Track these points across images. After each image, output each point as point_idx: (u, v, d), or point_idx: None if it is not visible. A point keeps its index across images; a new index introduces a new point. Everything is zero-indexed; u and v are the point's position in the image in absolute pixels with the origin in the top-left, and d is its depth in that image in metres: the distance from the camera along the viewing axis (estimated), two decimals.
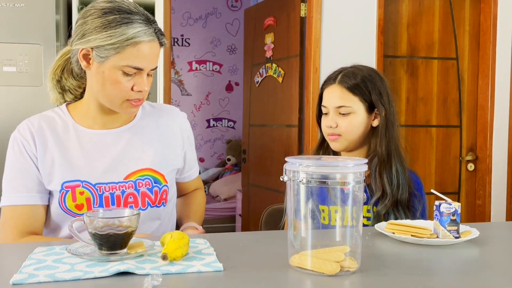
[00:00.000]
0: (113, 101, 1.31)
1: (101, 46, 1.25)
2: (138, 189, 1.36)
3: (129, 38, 1.24)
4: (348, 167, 0.94)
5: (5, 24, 2.28)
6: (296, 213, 0.97)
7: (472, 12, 3.22)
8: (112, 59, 1.25)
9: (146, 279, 0.83)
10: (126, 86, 1.28)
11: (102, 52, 1.25)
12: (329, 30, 2.97)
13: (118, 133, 1.40)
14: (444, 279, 0.94)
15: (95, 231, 0.99)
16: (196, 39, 5.68)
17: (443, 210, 1.19)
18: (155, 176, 1.39)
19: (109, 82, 1.27)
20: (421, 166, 3.18)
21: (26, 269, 0.92)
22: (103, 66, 1.27)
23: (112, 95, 1.29)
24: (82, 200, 1.31)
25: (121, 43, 1.24)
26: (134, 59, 1.25)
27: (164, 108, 1.53)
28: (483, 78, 3.22)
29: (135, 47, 1.25)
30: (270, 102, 3.49)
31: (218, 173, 5.59)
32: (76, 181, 1.32)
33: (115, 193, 1.34)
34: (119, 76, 1.27)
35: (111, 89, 1.28)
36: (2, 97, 2.28)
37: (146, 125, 1.44)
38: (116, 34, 1.23)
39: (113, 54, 1.24)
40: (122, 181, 1.35)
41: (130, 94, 1.29)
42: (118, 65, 1.25)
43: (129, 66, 1.26)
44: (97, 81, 1.30)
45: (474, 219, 3.24)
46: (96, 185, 1.33)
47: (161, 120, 1.47)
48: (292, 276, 0.93)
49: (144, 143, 1.41)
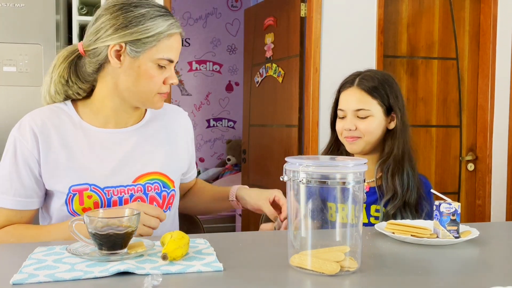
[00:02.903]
0: (147, 96, 1.31)
1: (138, 40, 1.24)
2: (147, 193, 1.34)
3: (165, 30, 1.26)
4: (348, 167, 0.94)
5: (5, 24, 2.28)
6: (296, 213, 0.97)
7: (472, 12, 3.22)
8: (148, 53, 1.26)
9: (146, 279, 0.83)
10: (159, 79, 1.29)
11: (138, 46, 1.25)
12: (329, 30, 2.97)
13: (127, 132, 1.37)
14: (444, 279, 0.94)
15: (95, 231, 0.99)
16: (196, 39, 5.68)
17: (443, 210, 1.19)
18: (164, 181, 1.37)
19: (144, 77, 1.27)
20: (421, 166, 3.18)
21: (26, 269, 0.92)
22: (138, 61, 1.26)
23: (146, 89, 1.29)
24: (90, 204, 1.28)
25: (158, 36, 1.25)
26: (169, 51, 1.28)
27: (169, 108, 1.50)
28: (483, 78, 3.22)
29: (170, 39, 1.27)
30: (270, 102, 3.49)
31: (218, 173, 5.59)
32: (84, 184, 1.28)
33: (123, 197, 1.31)
34: (154, 69, 1.27)
35: (145, 83, 1.28)
36: (2, 97, 2.28)
37: (155, 125, 1.42)
38: (154, 27, 1.25)
39: (150, 47, 1.25)
40: (131, 184, 1.32)
41: (161, 88, 1.30)
42: (153, 58, 1.26)
43: (164, 59, 1.27)
44: (129, 77, 1.28)
45: (474, 219, 3.24)
46: (105, 189, 1.29)
47: (168, 121, 1.45)
48: (292, 276, 0.93)
49: (153, 145, 1.39)
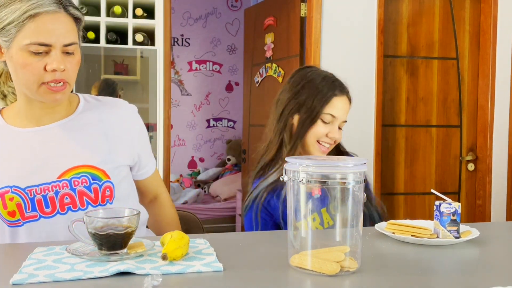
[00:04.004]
0: (30, 88, 1.19)
1: (2, 29, 1.15)
2: (74, 188, 1.24)
3: (22, 12, 1.13)
4: (348, 167, 0.94)
5: None
6: (296, 213, 0.97)
7: (472, 12, 3.22)
8: (16, 40, 1.15)
9: (146, 279, 0.83)
10: (36, 67, 1.15)
11: (5, 35, 1.16)
12: (329, 30, 2.97)
13: (52, 128, 1.28)
14: (444, 279, 0.93)
15: (95, 231, 0.99)
16: (196, 39, 5.68)
17: (443, 210, 1.19)
18: (93, 173, 1.26)
19: (19, 66, 1.16)
20: (421, 166, 3.18)
21: (26, 269, 0.92)
22: (11, 51, 1.16)
23: (26, 80, 1.17)
24: (13, 206, 1.21)
25: (17, 20, 1.13)
26: (36, 34, 1.14)
27: (109, 101, 1.39)
28: (483, 78, 3.22)
29: (34, 21, 1.13)
30: (270, 102, 3.47)
31: (218, 173, 5.59)
32: (4, 187, 1.22)
33: (48, 195, 1.23)
34: (27, 57, 1.15)
35: (23, 74, 1.17)
36: None
37: (87, 119, 1.32)
38: (10, 11, 1.14)
39: (14, 34, 1.14)
40: (56, 181, 1.23)
41: (44, 76, 1.17)
42: (22, 44, 1.14)
43: (33, 44, 1.14)
44: (11, 69, 1.20)
45: (474, 219, 3.24)
46: (26, 189, 1.22)
47: (105, 114, 1.34)
48: (292, 276, 0.93)
49: (82, 139, 1.29)
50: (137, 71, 2.70)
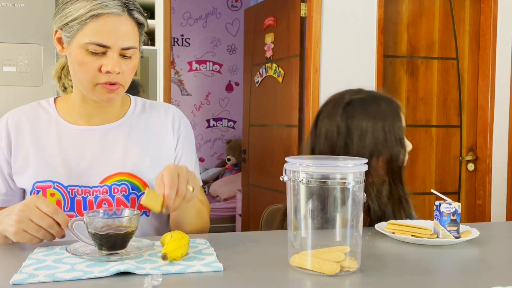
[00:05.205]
0: (85, 86, 1.20)
1: (65, 25, 1.17)
2: (113, 195, 1.25)
3: (87, 11, 1.14)
4: (348, 167, 0.94)
5: (5, 24, 2.28)
6: (296, 213, 0.97)
7: (472, 12, 3.22)
8: (76, 38, 1.16)
9: (146, 279, 0.83)
10: (92, 66, 1.16)
11: (67, 31, 1.17)
12: (329, 30, 2.97)
13: (102, 130, 1.29)
14: (444, 279, 0.94)
15: (95, 231, 0.99)
16: (196, 39, 5.68)
17: (443, 210, 1.19)
18: (133, 182, 1.26)
19: (76, 64, 1.17)
20: (421, 166, 3.18)
21: (26, 269, 0.92)
22: (71, 47, 1.18)
23: (82, 78, 1.19)
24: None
25: (80, 18, 1.14)
26: (97, 34, 1.14)
27: (156, 105, 1.39)
28: (483, 78, 3.22)
29: (96, 21, 1.14)
30: (270, 102, 3.49)
31: (218, 173, 5.59)
32: (47, 181, 1.23)
33: (87, 198, 1.24)
34: (84, 55, 1.16)
35: (79, 71, 1.18)
36: (2, 97, 2.28)
37: (135, 124, 1.33)
38: (76, 9, 1.15)
39: (76, 31, 1.15)
40: (97, 186, 1.25)
41: (99, 77, 1.18)
42: (81, 43, 1.15)
43: (92, 43, 1.15)
44: (70, 65, 1.21)
45: (474, 219, 3.24)
46: (68, 187, 1.23)
47: (152, 119, 1.35)
48: (292, 276, 0.93)
49: (128, 145, 1.29)
50: (137, 71, 2.70)
